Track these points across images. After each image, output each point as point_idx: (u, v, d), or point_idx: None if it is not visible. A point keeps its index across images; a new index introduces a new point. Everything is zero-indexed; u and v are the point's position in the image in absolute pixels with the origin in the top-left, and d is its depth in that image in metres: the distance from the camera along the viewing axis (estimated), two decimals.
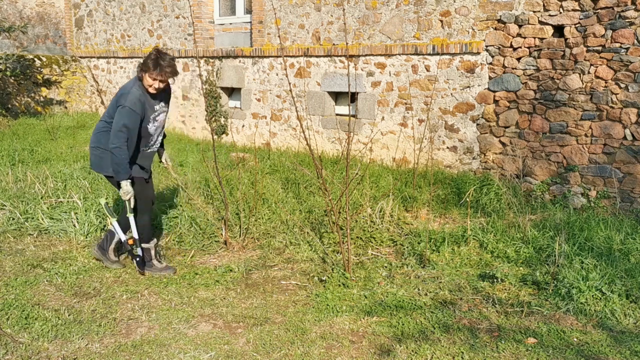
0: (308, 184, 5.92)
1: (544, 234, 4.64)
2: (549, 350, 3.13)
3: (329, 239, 4.74)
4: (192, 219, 5.04)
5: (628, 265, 3.98)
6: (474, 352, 3.12)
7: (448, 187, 5.87)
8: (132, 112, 3.87)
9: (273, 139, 8.22)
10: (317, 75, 7.50)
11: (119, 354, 3.14)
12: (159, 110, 4.13)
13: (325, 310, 3.65)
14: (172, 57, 4.01)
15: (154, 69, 3.88)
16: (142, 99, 3.94)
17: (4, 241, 4.80)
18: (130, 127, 3.89)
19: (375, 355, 3.13)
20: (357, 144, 7.15)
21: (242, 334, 3.38)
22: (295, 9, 7.65)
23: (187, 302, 3.79)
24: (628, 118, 5.16)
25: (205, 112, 9.17)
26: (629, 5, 5.03)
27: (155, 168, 6.67)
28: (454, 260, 4.39)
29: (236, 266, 4.36)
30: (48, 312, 3.56)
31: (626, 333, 3.33)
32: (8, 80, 10.51)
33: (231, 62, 8.60)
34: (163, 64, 3.89)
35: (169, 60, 3.93)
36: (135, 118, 3.89)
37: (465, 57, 6.12)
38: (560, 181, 5.64)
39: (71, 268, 4.30)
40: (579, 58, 5.35)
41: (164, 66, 3.89)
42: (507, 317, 3.55)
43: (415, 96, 6.58)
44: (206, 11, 9.07)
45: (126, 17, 10.46)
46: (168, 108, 4.30)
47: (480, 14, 5.96)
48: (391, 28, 6.71)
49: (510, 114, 5.88)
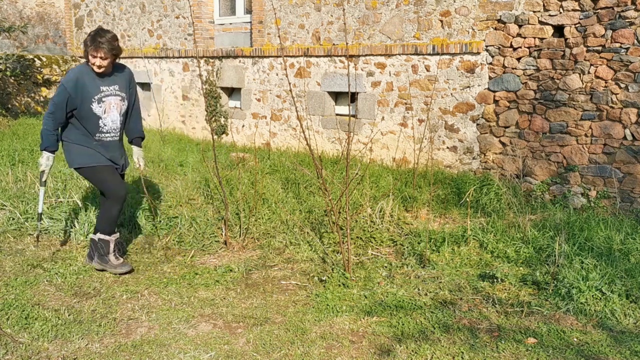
0: (308, 184, 5.91)
1: (544, 234, 4.64)
2: (549, 350, 3.14)
3: (329, 239, 4.74)
4: (192, 219, 5.04)
5: (628, 265, 3.98)
6: (474, 352, 3.12)
7: (448, 187, 5.87)
8: (62, 88, 3.96)
9: (273, 139, 8.22)
10: (317, 75, 7.50)
11: (119, 354, 3.14)
12: (107, 92, 4.06)
13: (325, 310, 3.65)
14: (114, 35, 3.99)
15: (91, 45, 3.88)
16: (80, 77, 3.97)
17: (4, 241, 4.80)
18: (56, 102, 3.98)
19: (375, 355, 3.13)
20: (357, 144, 7.15)
21: (242, 334, 3.38)
22: (295, 9, 7.65)
23: (187, 302, 3.79)
24: (628, 118, 5.16)
25: (205, 112, 9.17)
26: (629, 5, 5.04)
27: (154, 167, 6.67)
28: (454, 260, 4.39)
29: (236, 266, 4.36)
30: (48, 312, 3.56)
31: (626, 333, 3.33)
32: (8, 80, 10.51)
33: (231, 62, 8.60)
34: (100, 40, 3.87)
35: (108, 37, 3.91)
36: (63, 94, 3.95)
37: (465, 57, 6.12)
38: (560, 181, 5.64)
39: (71, 268, 4.30)
40: (579, 58, 5.35)
41: (101, 42, 3.86)
42: (507, 317, 3.55)
43: (415, 96, 6.58)
44: (206, 11, 9.07)
45: (126, 17, 10.46)
46: (129, 95, 4.22)
47: (480, 14, 5.97)
48: (391, 28, 6.71)
49: (510, 114, 5.88)
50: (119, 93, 4.13)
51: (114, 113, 4.13)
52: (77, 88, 3.96)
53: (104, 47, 3.89)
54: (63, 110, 3.99)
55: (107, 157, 4.17)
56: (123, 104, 4.18)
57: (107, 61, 3.97)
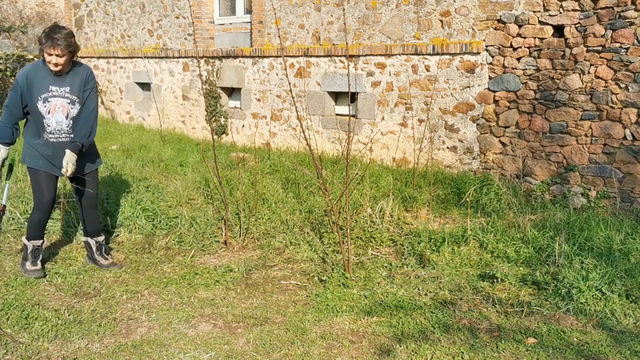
0: (308, 184, 5.91)
1: (544, 234, 4.64)
2: (549, 350, 3.14)
3: (329, 239, 4.74)
4: (192, 219, 5.04)
5: (628, 265, 3.98)
6: (474, 352, 3.12)
7: (448, 187, 5.87)
8: (16, 82, 3.91)
9: (273, 139, 8.22)
10: (317, 75, 7.50)
11: (119, 354, 3.14)
12: (55, 93, 3.92)
13: (325, 310, 3.65)
14: (70, 31, 3.85)
15: (46, 42, 3.76)
16: (31, 73, 3.90)
17: (4, 241, 4.80)
18: (10, 95, 3.95)
19: (375, 355, 3.13)
20: (357, 144, 7.15)
21: (242, 334, 3.38)
22: (295, 9, 7.65)
23: (187, 302, 3.79)
24: (628, 118, 5.16)
25: (205, 112, 9.17)
26: (629, 5, 5.03)
27: (154, 168, 6.67)
28: (454, 260, 4.39)
29: (236, 266, 4.36)
30: (48, 312, 3.56)
31: (626, 333, 3.33)
32: (8, 80, 10.52)
33: (231, 62, 8.60)
34: (56, 37, 3.74)
35: (64, 34, 3.78)
36: (17, 88, 3.90)
37: (465, 57, 6.12)
38: (560, 181, 5.64)
39: (71, 268, 4.30)
40: (579, 58, 5.35)
41: (57, 39, 3.74)
42: (507, 317, 3.55)
43: (415, 96, 6.58)
44: (206, 11, 9.07)
45: (126, 17, 10.46)
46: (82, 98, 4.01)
47: (480, 14, 5.97)
48: (391, 28, 6.71)
49: (510, 114, 5.88)
50: (68, 95, 3.95)
51: (59, 115, 3.95)
52: (27, 84, 3.88)
53: (60, 44, 3.75)
54: (18, 104, 3.92)
55: (48, 159, 4.00)
56: (72, 107, 3.98)
57: (64, 59, 3.84)
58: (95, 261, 4.37)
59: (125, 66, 10.66)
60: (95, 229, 4.38)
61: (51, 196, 4.11)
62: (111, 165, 6.55)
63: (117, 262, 4.45)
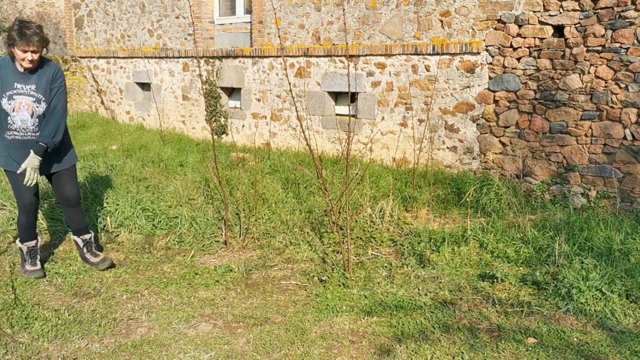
0: (308, 184, 5.91)
1: (544, 234, 4.64)
2: (549, 350, 3.14)
3: (329, 239, 4.74)
4: (192, 219, 5.04)
5: (628, 265, 3.98)
6: (474, 352, 3.12)
7: (448, 187, 5.87)
8: None
9: (273, 139, 8.22)
10: (317, 75, 7.50)
11: (119, 354, 3.14)
12: (20, 91, 3.82)
13: (325, 310, 3.65)
14: (39, 25, 3.74)
15: (19, 40, 3.64)
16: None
17: (4, 241, 4.80)
18: None
19: (375, 355, 3.13)
20: (357, 144, 7.15)
21: (242, 334, 3.38)
22: (295, 9, 7.65)
23: (187, 302, 3.79)
24: (628, 118, 5.16)
25: (205, 112, 9.17)
26: (629, 5, 5.03)
27: (154, 168, 6.67)
28: (454, 260, 4.39)
29: (236, 266, 4.36)
30: (48, 312, 3.56)
31: (626, 333, 3.33)
32: None
33: (231, 62, 8.60)
34: (29, 33, 3.64)
35: (35, 28, 3.68)
36: None
37: (465, 57, 6.12)
38: (560, 181, 5.64)
39: (71, 268, 4.30)
40: (579, 58, 5.35)
41: (30, 35, 3.64)
42: (507, 317, 3.55)
43: (415, 96, 6.58)
44: (206, 11, 9.07)
45: (126, 17, 10.46)
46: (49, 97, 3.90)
47: (480, 14, 5.97)
48: (391, 28, 6.71)
49: (510, 114, 5.88)
50: (34, 94, 3.85)
51: (23, 113, 3.84)
52: None
53: (34, 40, 3.66)
54: None
55: (15, 160, 3.91)
56: (37, 105, 3.87)
57: (38, 55, 3.76)
58: (86, 260, 4.36)
59: (125, 66, 10.66)
60: (80, 227, 4.35)
61: (31, 197, 4.03)
62: (111, 165, 6.55)
63: (106, 257, 4.39)
